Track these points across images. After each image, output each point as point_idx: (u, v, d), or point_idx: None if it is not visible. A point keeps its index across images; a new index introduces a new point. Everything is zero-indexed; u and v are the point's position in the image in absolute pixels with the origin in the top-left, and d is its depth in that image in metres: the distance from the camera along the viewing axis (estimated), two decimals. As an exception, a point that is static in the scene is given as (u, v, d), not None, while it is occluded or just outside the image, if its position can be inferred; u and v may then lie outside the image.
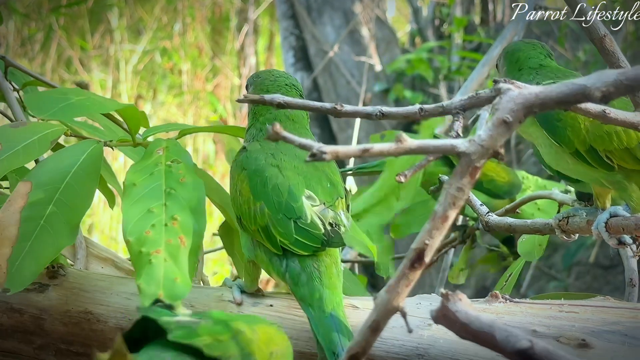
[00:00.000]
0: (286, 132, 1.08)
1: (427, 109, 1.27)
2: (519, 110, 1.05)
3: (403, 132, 1.10)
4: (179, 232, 1.32)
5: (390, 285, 1.07)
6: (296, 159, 1.42)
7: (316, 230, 1.36)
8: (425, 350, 1.32)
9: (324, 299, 1.34)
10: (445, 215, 1.06)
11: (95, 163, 1.45)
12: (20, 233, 1.36)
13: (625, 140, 1.41)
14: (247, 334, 1.09)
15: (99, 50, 7.19)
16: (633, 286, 1.52)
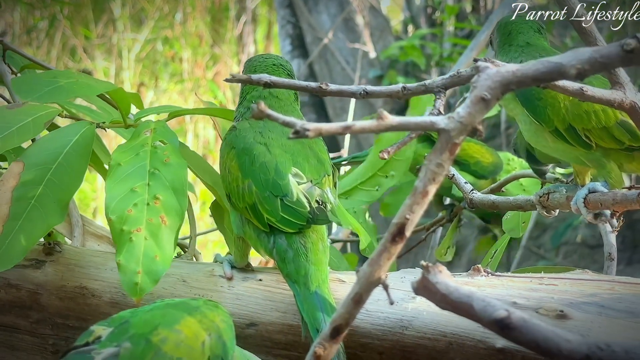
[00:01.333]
0: (270, 110, 1.07)
1: (410, 88, 1.26)
2: (496, 87, 1.05)
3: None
4: (161, 211, 1.32)
5: (372, 258, 1.07)
6: (284, 137, 1.41)
7: (302, 208, 1.36)
8: (409, 322, 1.32)
9: (309, 276, 1.34)
10: (426, 190, 1.05)
11: (87, 144, 1.45)
12: (11, 212, 1.36)
13: (603, 120, 1.41)
14: (170, 340, 1.09)
15: (103, 39, 7.18)
16: (612, 260, 1.52)
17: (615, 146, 1.42)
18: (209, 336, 1.14)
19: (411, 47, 5.16)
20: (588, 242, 4.60)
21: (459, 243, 4.59)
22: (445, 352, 1.30)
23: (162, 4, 7.39)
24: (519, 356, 1.26)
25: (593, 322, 1.25)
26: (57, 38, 6.93)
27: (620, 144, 1.42)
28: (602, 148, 1.43)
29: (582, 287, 1.31)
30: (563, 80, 1.14)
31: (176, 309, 1.15)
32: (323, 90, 1.27)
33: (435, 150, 1.06)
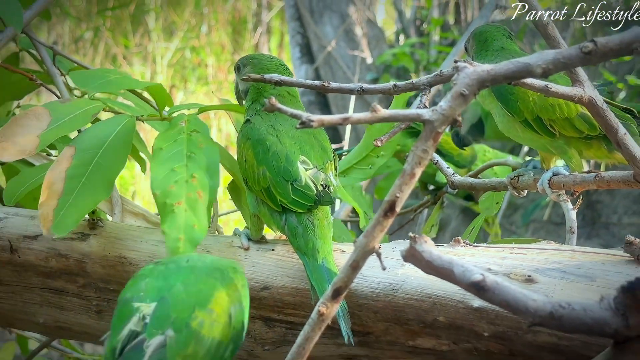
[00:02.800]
0: (280, 105, 1.07)
1: (400, 86, 1.26)
2: (473, 84, 1.04)
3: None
4: (197, 187, 1.32)
5: (367, 230, 1.07)
6: (292, 128, 1.41)
7: (310, 191, 1.36)
8: (399, 286, 1.32)
9: (317, 248, 1.34)
10: (413, 172, 1.05)
11: (129, 133, 1.45)
12: (64, 189, 1.36)
13: (566, 112, 1.43)
14: (206, 323, 1.08)
15: (139, 48, 7.16)
16: (572, 233, 1.52)
17: (576, 135, 1.44)
18: (234, 307, 1.13)
19: (402, 54, 5.14)
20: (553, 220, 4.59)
21: (443, 221, 4.58)
22: (430, 311, 1.30)
23: (190, 18, 7.37)
24: (492, 314, 1.25)
25: (556, 285, 1.24)
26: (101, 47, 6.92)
27: (580, 133, 1.43)
28: (565, 136, 1.44)
29: (547, 256, 1.31)
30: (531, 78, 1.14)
31: (208, 279, 1.13)
32: (325, 88, 1.27)
33: (421, 138, 1.05)
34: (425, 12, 5.57)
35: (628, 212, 4.49)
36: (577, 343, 1.20)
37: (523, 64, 1.02)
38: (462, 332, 1.29)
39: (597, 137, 1.43)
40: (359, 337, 1.35)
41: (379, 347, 1.36)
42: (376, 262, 1.13)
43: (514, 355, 1.27)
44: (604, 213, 4.49)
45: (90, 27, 6.88)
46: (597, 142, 1.45)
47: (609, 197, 4.54)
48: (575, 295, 1.21)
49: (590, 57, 1.00)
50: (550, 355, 1.23)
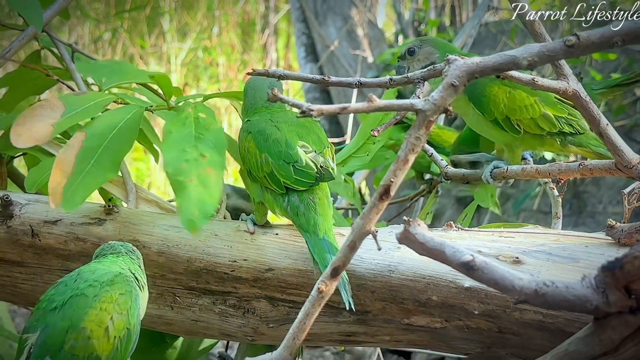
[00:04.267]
0: (282, 95, 1.07)
1: (396, 79, 1.25)
2: (463, 75, 1.04)
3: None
4: (207, 165, 1.32)
5: (364, 213, 1.07)
6: (289, 122, 1.42)
7: (310, 170, 1.36)
8: (395, 267, 1.32)
9: (318, 225, 1.34)
10: (406, 158, 1.05)
11: (137, 120, 1.44)
12: (75, 168, 1.35)
13: (531, 113, 1.49)
14: (79, 343, 1.14)
15: (155, 48, 7.16)
16: (558, 218, 1.51)
17: (538, 132, 1.50)
18: (111, 320, 1.16)
19: (401, 53, 5.13)
20: (542, 209, 4.58)
21: (438, 211, 4.58)
22: (424, 291, 1.30)
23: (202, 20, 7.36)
24: (482, 293, 1.25)
25: (542, 266, 1.24)
26: (118, 47, 6.92)
27: (542, 131, 1.49)
28: (529, 134, 1.50)
29: (534, 239, 1.30)
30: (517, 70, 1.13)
31: (81, 300, 1.17)
32: (326, 81, 1.26)
33: (414, 126, 1.05)
34: (423, 14, 5.56)
35: (613, 201, 4.48)
36: (560, 320, 1.20)
37: (510, 56, 1.02)
38: (454, 311, 1.28)
39: (554, 135, 1.50)
40: (358, 316, 1.35)
41: (376, 324, 1.36)
42: (373, 245, 1.13)
43: (502, 332, 1.27)
44: (590, 203, 4.48)
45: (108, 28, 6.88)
46: (551, 139, 1.51)
47: (594, 188, 4.52)
48: (560, 275, 1.21)
49: (573, 50, 0.99)
50: (536, 332, 1.23)
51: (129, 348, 1.18)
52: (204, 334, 1.48)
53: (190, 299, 1.44)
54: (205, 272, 1.41)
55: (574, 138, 1.50)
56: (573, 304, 0.94)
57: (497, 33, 5.06)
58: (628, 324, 0.93)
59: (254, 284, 1.40)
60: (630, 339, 0.93)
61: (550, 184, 1.53)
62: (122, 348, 1.16)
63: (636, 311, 0.92)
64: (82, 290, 1.18)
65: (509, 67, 1.03)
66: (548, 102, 1.50)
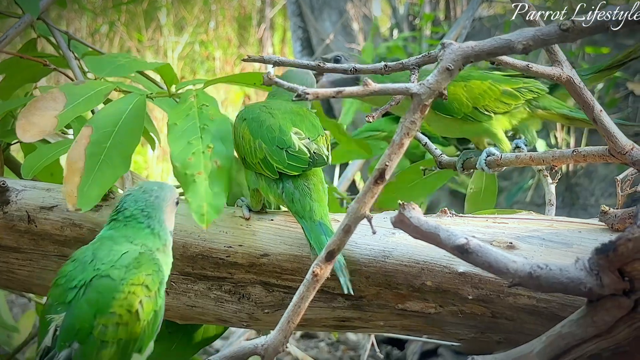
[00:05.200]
0: (277, 78, 1.07)
1: (390, 66, 1.25)
2: (458, 59, 1.03)
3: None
4: (214, 156, 1.32)
5: (358, 197, 1.06)
6: (283, 110, 1.41)
7: (303, 155, 1.35)
8: (390, 253, 1.31)
9: (314, 210, 1.33)
10: (401, 142, 1.04)
11: (141, 109, 1.44)
12: (86, 166, 1.35)
13: (493, 94, 1.51)
14: (109, 329, 1.10)
15: (152, 42, 7.13)
16: (551, 205, 1.51)
17: (506, 109, 1.51)
18: (140, 304, 1.12)
19: (396, 47, 5.11)
20: (535, 201, 4.58)
21: (433, 202, 4.58)
22: (418, 276, 1.29)
23: (199, 14, 7.34)
24: (476, 278, 1.25)
25: (536, 251, 1.24)
26: (116, 40, 6.89)
27: (508, 107, 1.51)
28: (499, 114, 1.52)
29: (527, 225, 1.30)
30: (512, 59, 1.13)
31: (107, 282, 1.13)
32: (321, 68, 1.25)
33: (410, 110, 1.04)
34: (418, 9, 5.55)
35: (605, 194, 4.48)
36: (554, 305, 1.19)
37: (505, 40, 1.01)
38: (448, 296, 1.28)
39: (520, 105, 1.53)
40: (352, 301, 1.35)
41: (371, 310, 1.35)
42: (368, 230, 1.12)
43: (496, 317, 1.26)
44: (582, 195, 4.48)
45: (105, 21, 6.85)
46: (521, 110, 1.53)
47: (587, 180, 4.53)
48: (553, 260, 1.20)
49: (567, 34, 0.99)
50: (530, 317, 1.23)
51: (155, 330, 1.16)
52: (199, 320, 1.47)
53: (186, 284, 1.43)
54: (201, 257, 1.40)
55: (538, 102, 1.53)
56: (567, 286, 0.93)
57: (491, 27, 5.05)
58: (621, 306, 0.92)
59: (249, 270, 1.39)
60: (623, 321, 0.93)
61: (544, 171, 1.52)
62: (149, 331, 1.14)
63: (629, 293, 0.91)
64: (105, 272, 1.14)
65: (504, 51, 1.02)
66: (501, 80, 1.53)
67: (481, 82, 1.51)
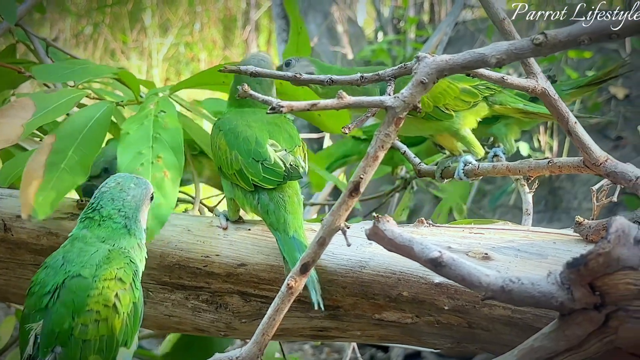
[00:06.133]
0: (252, 91, 1.06)
1: (366, 77, 1.24)
2: (433, 73, 1.03)
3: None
4: (163, 167, 1.32)
5: (333, 209, 1.06)
6: (261, 120, 1.41)
7: (278, 168, 1.35)
8: (367, 263, 1.31)
9: (288, 223, 1.33)
10: (376, 155, 1.04)
11: (107, 118, 1.44)
12: (45, 174, 1.34)
13: (452, 93, 1.51)
14: (89, 327, 1.09)
15: (136, 43, 7.11)
16: (528, 214, 1.51)
17: (466, 107, 1.52)
18: (115, 296, 1.12)
19: (380, 50, 5.13)
20: (518, 205, 4.57)
21: (416, 206, 4.58)
22: (395, 286, 1.29)
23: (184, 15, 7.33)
24: (452, 289, 1.25)
25: (511, 262, 1.24)
26: (100, 42, 6.87)
27: (468, 104, 1.52)
28: (460, 112, 1.52)
29: (503, 235, 1.30)
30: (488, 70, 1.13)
31: (80, 282, 1.12)
32: (297, 79, 1.25)
33: (384, 123, 1.04)
34: (402, 12, 5.57)
35: (587, 197, 4.50)
36: (529, 316, 1.19)
37: (478, 54, 1.02)
38: (425, 306, 1.28)
39: (479, 102, 1.53)
40: (329, 311, 1.34)
41: (348, 320, 1.35)
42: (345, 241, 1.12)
43: (472, 327, 1.27)
44: (565, 199, 4.50)
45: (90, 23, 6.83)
46: (480, 107, 1.54)
47: (569, 184, 4.55)
48: (528, 271, 1.21)
49: (540, 49, 0.99)
50: (505, 327, 1.23)
51: (137, 322, 1.15)
52: (176, 329, 1.47)
53: (163, 293, 1.42)
54: (178, 267, 1.40)
55: (495, 98, 1.55)
56: (538, 300, 0.94)
57: (475, 31, 5.07)
58: (592, 320, 0.93)
59: (226, 279, 1.38)
60: (594, 335, 0.93)
61: (521, 181, 1.53)
62: (130, 323, 1.13)
63: (600, 307, 0.92)
64: (76, 272, 1.13)
65: (478, 64, 1.02)
66: (459, 79, 1.54)
67: (440, 81, 1.51)
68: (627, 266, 0.89)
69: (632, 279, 0.89)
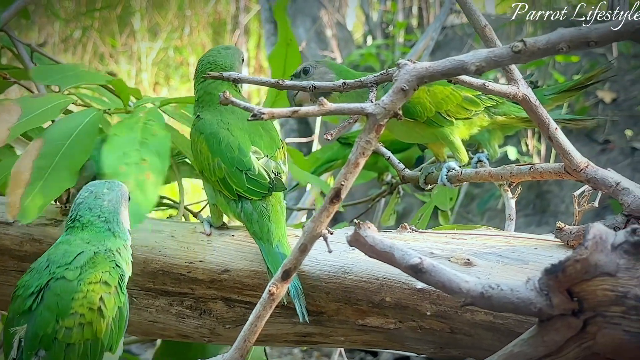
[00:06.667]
0: (233, 98, 1.06)
1: (349, 83, 1.24)
2: (413, 80, 1.04)
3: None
4: (147, 169, 1.32)
5: (314, 216, 1.07)
6: (240, 121, 1.40)
7: (263, 179, 1.35)
8: (349, 269, 1.31)
9: (271, 232, 1.33)
10: (357, 162, 1.04)
11: (95, 125, 1.44)
12: (31, 178, 1.34)
13: (455, 100, 1.51)
14: (73, 331, 1.09)
15: (126, 47, 7.10)
16: (511, 220, 1.52)
17: (467, 115, 1.52)
18: (100, 300, 1.12)
19: (369, 54, 5.14)
20: (506, 209, 4.61)
21: (405, 210, 4.59)
22: (378, 292, 1.29)
23: (173, 19, 7.32)
24: (434, 295, 1.25)
25: (493, 267, 1.24)
26: (89, 46, 6.85)
27: (469, 113, 1.52)
28: (460, 120, 1.52)
29: (485, 241, 1.31)
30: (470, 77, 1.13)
31: (65, 285, 1.12)
32: (279, 85, 1.25)
33: (365, 130, 1.05)
34: (391, 16, 5.58)
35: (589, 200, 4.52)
36: (510, 321, 1.20)
37: (458, 61, 1.02)
38: (407, 312, 1.28)
39: (480, 112, 1.53)
40: (313, 317, 1.35)
41: (331, 325, 1.36)
42: (329, 247, 1.12)
43: (454, 332, 1.27)
44: (553, 203, 4.51)
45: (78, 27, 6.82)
46: (480, 117, 1.54)
47: (557, 188, 4.56)
48: (509, 277, 1.21)
49: (520, 56, 1.00)
50: (487, 333, 1.24)
51: (122, 327, 1.15)
52: (161, 335, 1.47)
53: (147, 300, 1.42)
54: (162, 273, 1.40)
55: (497, 109, 1.54)
56: (517, 306, 0.94)
57: (463, 35, 5.09)
58: (571, 326, 0.93)
59: (210, 285, 1.39)
60: (573, 341, 0.94)
61: (504, 186, 1.53)
62: (116, 328, 1.13)
63: (578, 313, 0.92)
64: (60, 274, 1.13)
65: (458, 72, 1.03)
66: (462, 87, 1.52)
67: (444, 88, 1.51)
68: (604, 272, 0.90)
69: (610, 285, 0.90)
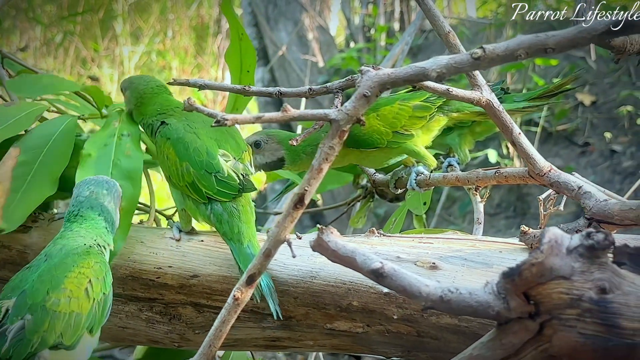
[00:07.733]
0: (198, 104, 1.07)
1: (315, 89, 1.25)
2: (375, 86, 1.05)
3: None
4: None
5: (278, 221, 1.07)
6: (205, 126, 1.40)
7: (233, 181, 1.36)
8: (317, 273, 1.32)
9: (242, 233, 1.34)
10: (320, 167, 1.05)
11: (71, 131, 1.45)
12: (12, 187, 1.35)
13: (405, 113, 1.49)
14: (61, 301, 1.15)
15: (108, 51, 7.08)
16: (479, 224, 1.53)
17: (423, 122, 1.50)
18: (89, 283, 1.18)
19: (350, 58, 5.16)
20: (488, 211, 4.63)
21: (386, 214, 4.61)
22: (345, 296, 1.30)
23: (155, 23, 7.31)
24: (401, 299, 1.26)
25: (458, 271, 1.26)
26: (71, 50, 6.83)
27: (424, 120, 1.50)
28: (418, 130, 1.51)
29: (451, 245, 1.32)
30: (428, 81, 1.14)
31: (60, 267, 1.18)
32: (246, 91, 1.26)
33: (328, 136, 1.06)
34: (372, 20, 5.60)
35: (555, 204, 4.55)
36: (475, 324, 1.21)
37: (420, 68, 1.03)
38: (375, 315, 1.29)
39: (434, 114, 1.51)
40: (282, 321, 1.35)
41: (300, 330, 1.36)
42: (296, 252, 1.13)
43: (421, 336, 1.28)
44: (534, 205, 4.54)
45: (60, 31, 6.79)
46: (435, 120, 1.52)
47: (538, 190, 4.59)
48: (474, 280, 1.23)
49: (479, 62, 1.01)
50: (452, 336, 1.25)
51: (104, 314, 1.21)
52: (131, 341, 1.47)
53: (117, 305, 1.42)
54: (131, 279, 1.40)
55: (449, 106, 1.53)
56: (476, 309, 0.95)
57: (444, 39, 5.11)
58: (528, 329, 0.94)
59: (179, 291, 1.39)
60: (530, 344, 0.95)
61: (473, 190, 1.55)
62: (99, 312, 1.19)
63: (535, 316, 0.93)
64: (60, 260, 1.20)
65: (420, 78, 1.04)
66: (408, 97, 1.52)
67: (391, 107, 1.50)
68: (559, 275, 0.91)
69: (565, 288, 0.91)
